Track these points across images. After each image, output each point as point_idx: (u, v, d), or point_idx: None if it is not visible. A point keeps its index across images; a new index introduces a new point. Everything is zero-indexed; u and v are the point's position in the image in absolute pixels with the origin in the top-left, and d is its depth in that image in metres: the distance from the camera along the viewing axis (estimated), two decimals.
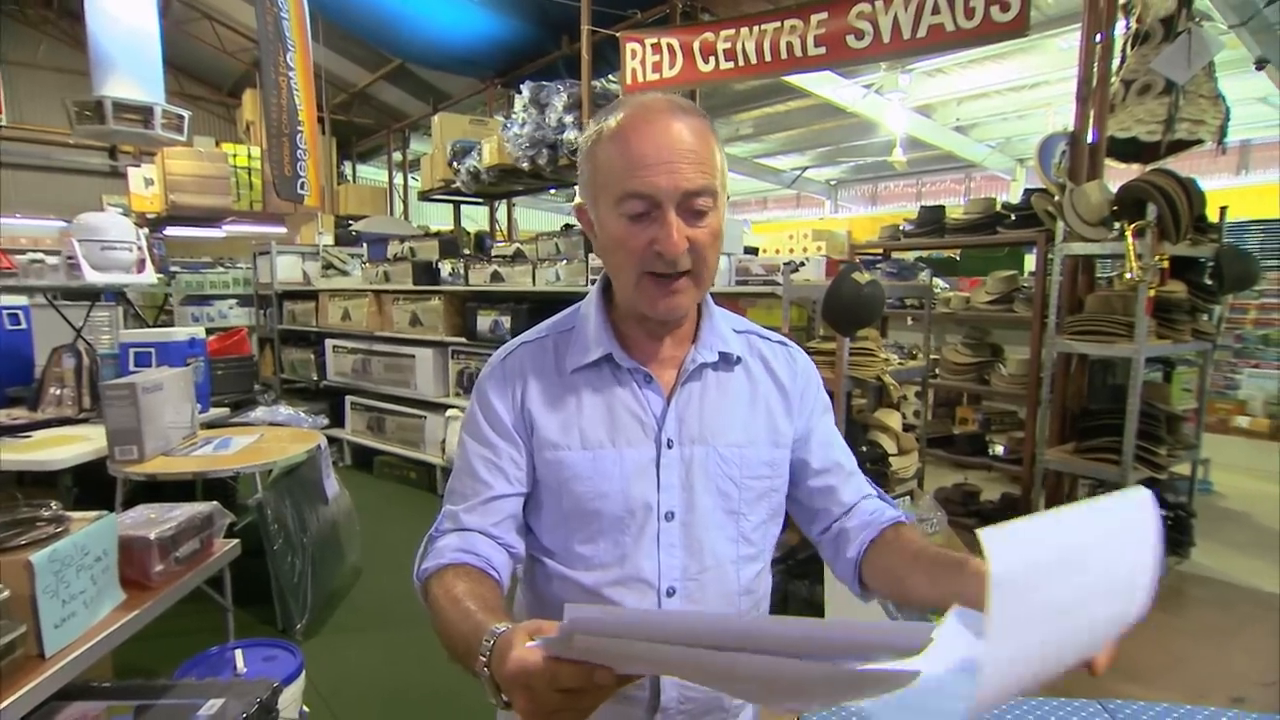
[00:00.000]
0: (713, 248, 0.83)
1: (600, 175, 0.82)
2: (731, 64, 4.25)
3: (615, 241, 0.82)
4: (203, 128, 9.07)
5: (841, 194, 12.59)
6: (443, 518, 0.89)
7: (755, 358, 0.96)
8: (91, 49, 5.08)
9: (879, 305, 2.48)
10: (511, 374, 0.92)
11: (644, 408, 0.89)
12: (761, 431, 0.92)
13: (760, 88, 7.77)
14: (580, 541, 0.88)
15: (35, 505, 1.47)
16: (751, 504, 0.90)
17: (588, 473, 0.86)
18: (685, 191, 0.79)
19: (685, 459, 0.88)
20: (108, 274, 3.51)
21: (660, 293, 0.83)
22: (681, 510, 0.87)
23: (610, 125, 0.81)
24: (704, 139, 0.81)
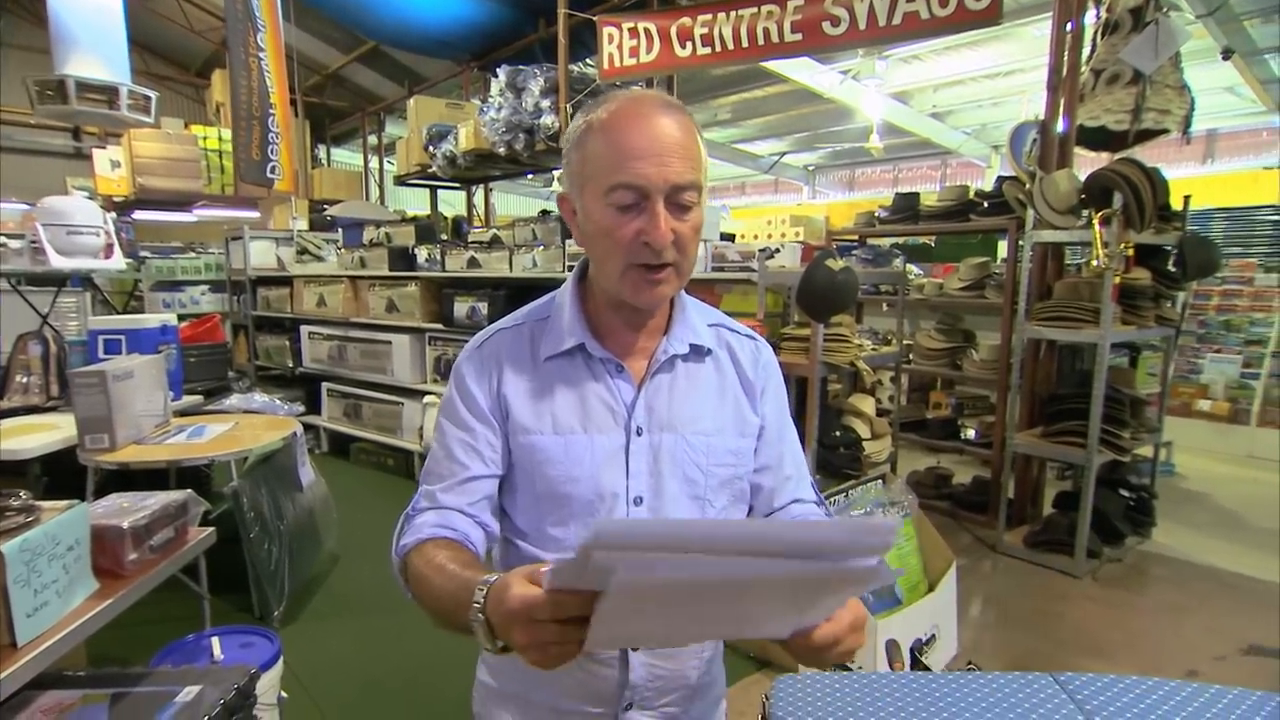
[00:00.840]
0: (694, 242, 0.86)
1: (589, 165, 0.84)
2: (709, 49, 4.24)
3: (602, 231, 0.84)
4: (171, 109, 8.88)
5: (820, 179, 12.64)
6: (419, 497, 0.92)
7: (724, 350, 0.99)
8: (52, 25, 4.92)
9: (852, 292, 2.52)
10: (488, 360, 0.94)
11: (615, 396, 0.91)
12: (729, 421, 0.95)
13: (738, 73, 7.77)
14: (553, 524, 0.90)
15: (5, 495, 1.46)
16: (716, 491, 0.93)
17: (559, 457, 0.89)
18: (674, 185, 0.81)
19: (654, 446, 0.90)
20: (74, 259, 3.44)
21: (645, 283, 0.85)
22: (649, 495, 0.90)
23: (600, 117, 0.83)
24: (691, 135, 0.84)
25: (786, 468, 1.00)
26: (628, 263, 0.84)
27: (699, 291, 3.28)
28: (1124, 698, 0.97)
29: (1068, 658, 2.48)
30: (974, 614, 2.84)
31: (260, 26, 5.13)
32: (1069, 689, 0.99)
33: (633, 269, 0.84)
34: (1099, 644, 2.59)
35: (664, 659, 0.91)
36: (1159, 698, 0.98)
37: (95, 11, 4.89)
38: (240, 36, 4.94)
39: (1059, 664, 2.43)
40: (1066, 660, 2.46)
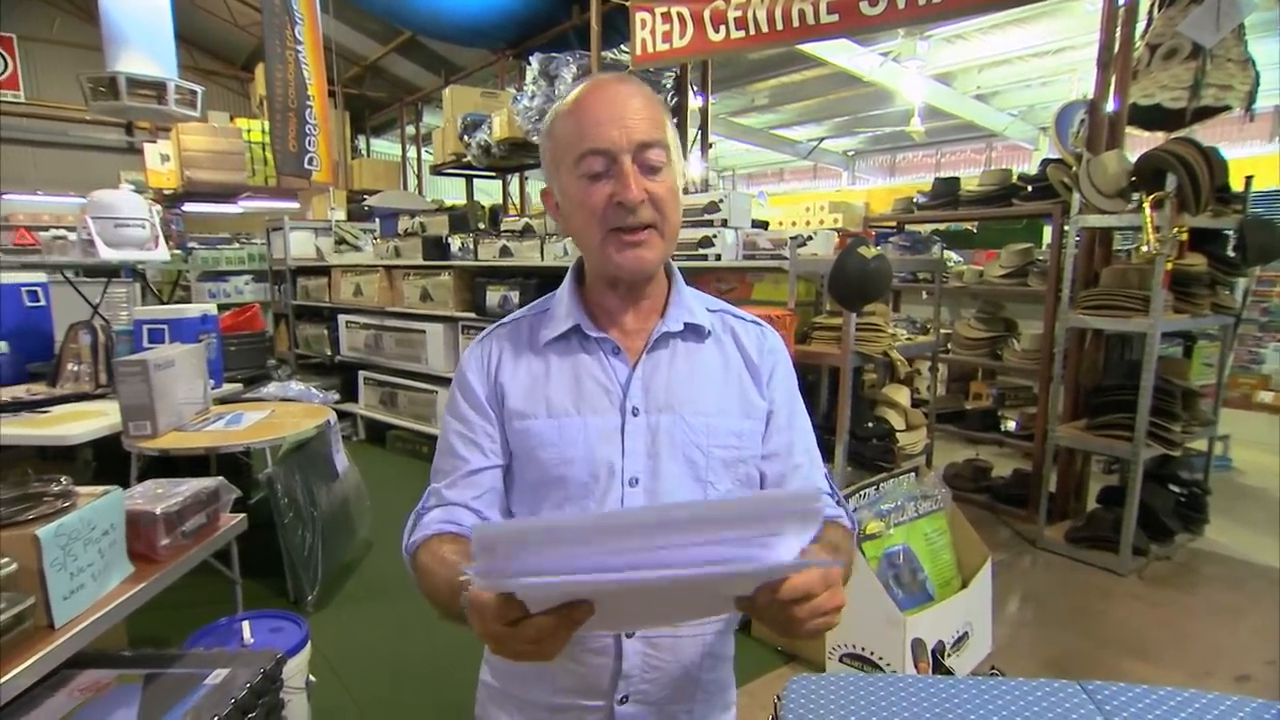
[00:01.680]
0: (672, 203, 0.86)
1: (559, 147, 0.86)
2: (742, 33, 4.17)
3: (576, 204, 0.85)
4: (217, 103, 9.08)
5: (859, 165, 12.40)
6: (428, 495, 0.94)
7: (727, 334, 0.98)
8: (104, 24, 5.08)
9: (886, 280, 2.45)
10: (488, 353, 0.96)
11: (609, 376, 0.91)
12: (733, 402, 0.93)
13: (775, 57, 7.63)
14: (549, 508, 0.90)
15: (45, 480, 1.51)
16: (719, 472, 0.91)
17: (553, 440, 0.89)
18: (638, 143, 0.82)
19: (651, 426, 0.89)
20: (121, 251, 3.55)
21: (625, 246, 0.85)
22: (646, 477, 0.88)
23: (565, 103, 0.86)
24: (653, 105, 0.86)
25: (796, 455, 0.97)
26: (605, 229, 0.85)
27: (730, 279, 3.23)
28: (1157, 710, 0.92)
29: (1110, 659, 2.40)
30: (1010, 611, 2.77)
31: (298, 19, 5.20)
32: (1097, 699, 0.94)
33: (612, 235, 0.85)
34: (1144, 645, 2.50)
35: (660, 648, 0.90)
36: (1197, 710, 0.92)
37: (145, 9, 5.02)
38: (277, 30, 5.02)
39: (1100, 665, 2.35)
40: (1108, 661, 2.38)
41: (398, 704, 2.21)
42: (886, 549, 2.17)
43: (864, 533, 2.13)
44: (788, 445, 0.96)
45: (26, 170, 9.09)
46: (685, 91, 5.56)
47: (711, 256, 3.11)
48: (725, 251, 3.09)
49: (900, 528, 2.22)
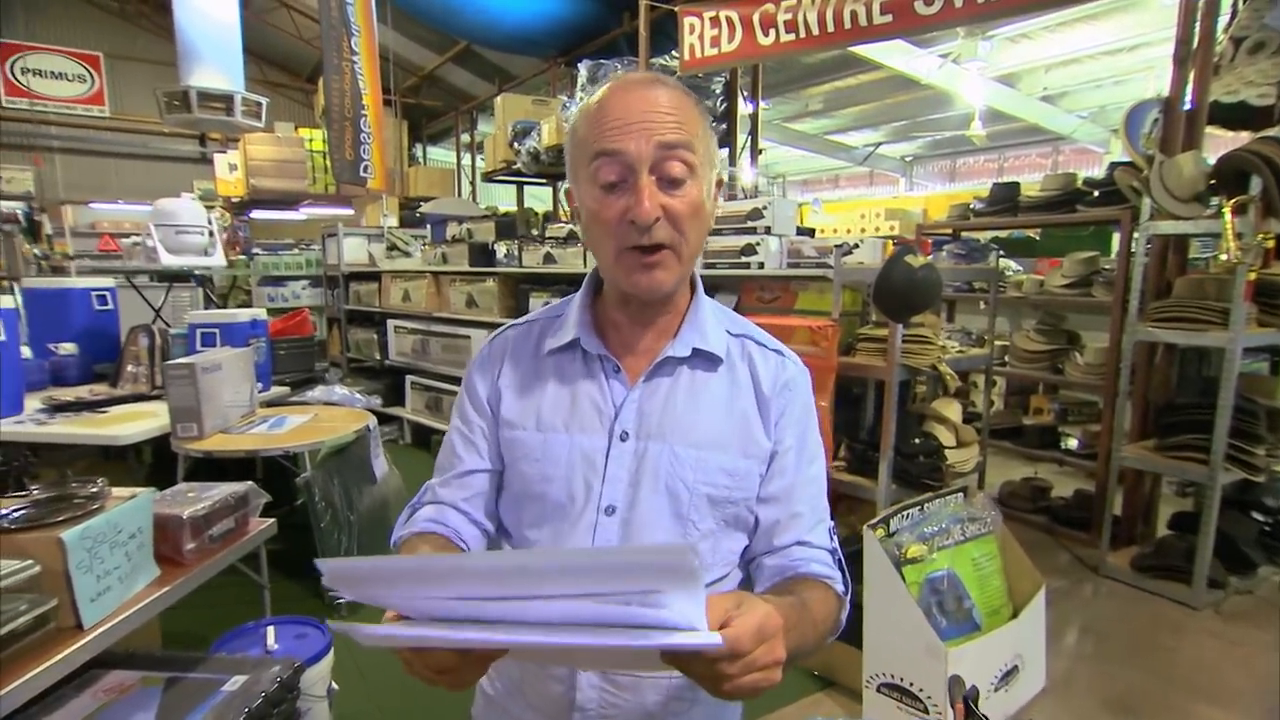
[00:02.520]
0: (693, 220, 0.79)
1: (577, 149, 0.80)
2: (793, 35, 4.08)
3: (591, 214, 0.80)
4: (283, 114, 9.42)
5: (917, 171, 12.07)
6: (424, 490, 0.92)
7: (744, 362, 0.91)
8: (179, 41, 5.33)
9: (934, 290, 2.34)
10: (495, 355, 0.93)
11: (605, 397, 0.86)
12: (732, 438, 0.86)
13: (829, 61, 7.49)
14: (529, 525, 0.87)
15: (82, 482, 1.55)
16: (702, 511, 0.84)
17: (537, 455, 0.85)
18: (658, 145, 0.75)
19: (638, 454, 0.84)
20: (181, 256, 3.69)
21: (639, 268, 0.79)
22: (624, 506, 0.83)
23: (590, 102, 0.80)
24: (683, 106, 0.78)
25: (798, 504, 0.88)
26: (619, 246, 0.79)
27: (774, 288, 3.15)
28: None
29: (1179, 700, 2.22)
30: (1068, 643, 2.60)
31: (354, 31, 5.33)
32: None
33: (625, 253, 0.79)
34: (1219, 688, 2.31)
35: (619, 687, 0.84)
36: None
37: (215, 26, 5.25)
38: (334, 41, 5.16)
39: (1168, 707, 2.17)
40: (1177, 703, 2.20)
41: (422, 712, 2.19)
42: (929, 574, 2.05)
43: (905, 556, 2.02)
44: (787, 490, 0.88)
45: (110, 180, 9.60)
46: (735, 97, 5.49)
47: (754, 265, 3.04)
48: (768, 259, 3.00)
49: (945, 551, 2.10)
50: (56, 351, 3.26)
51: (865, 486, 2.63)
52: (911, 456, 2.63)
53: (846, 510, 2.78)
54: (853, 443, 2.74)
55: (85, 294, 3.44)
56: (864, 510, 2.70)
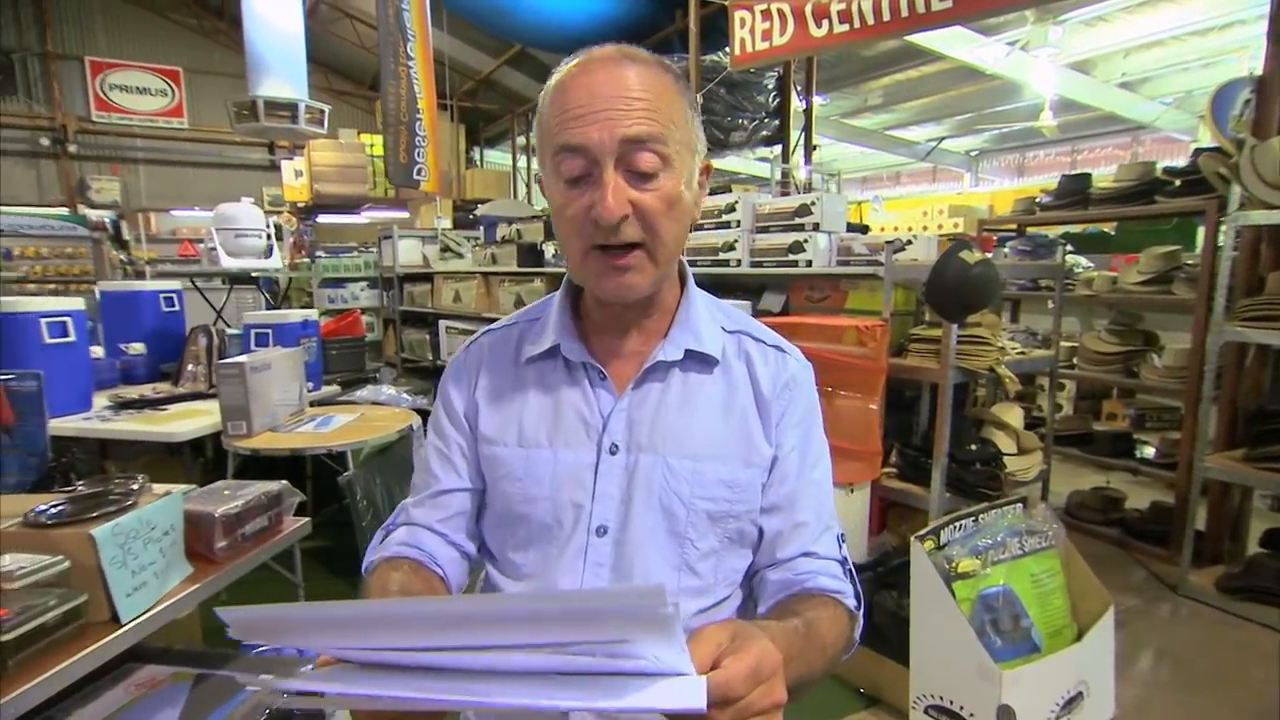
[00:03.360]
0: (667, 215, 0.72)
1: (541, 137, 0.74)
2: (847, 26, 3.96)
3: (556, 210, 0.74)
4: (347, 120, 9.72)
5: (983, 165, 11.60)
6: (399, 510, 0.87)
7: (740, 360, 0.84)
8: (248, 53, 5.55)
9: (991, 288, 2.20)
10: (471, 363, 0.87)
11: (591, 407, 0.80)
12: (731, 446, 0.79)
13: (888, 52, 7.26)
14: (513, 547, 0.81)
15: (124, 479, 1.58)
16: (701, 528, 0.78)
17: (520, 473, 0.79)
18: (623, 139, 0.68)
19: (629, 468, 0.77)
20: (240, 259, 3.81)
21: (606, 269, 0.72)
22: (616, 526, 0.77)
23: (551, 83, 0.73)
24: (655, 88, 0.70)
25: (802, 512, 0.81)
26: (585, 246, 0.72)
27: (824, 286, 3.04)
28: None
29: None
30: (1141, 669, 2.41)
31: (410, 37, 5.43)
32: None
33: (592, 253, 0.72)
34: None
35: None
36: None
37: (281, 38, 5.45)
38: (391, 47, 5.26)
39: None
40: None
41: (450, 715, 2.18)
42: (983, 590, 1.93)
43: (955, 571, 1.90)
44: (790, 498, 0.81)
45: (188, 188, 10.08)
46: (788, 92, 5.37)
47: (802, 263, 2.94)
48: (817, 257, 2.90)
49: (1000, 566, 1.96)
50: (126, 351, 3.41)
51: (917, 495, 2.50)
52: (967, 464, 2.49)
53: (897, 520, 2.66)
54: (904, 448, 2.61)
55: (154, 296, 3.58)
56: (916, 520, 2.57)
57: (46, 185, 9.39)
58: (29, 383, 1.67)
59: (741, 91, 5.07)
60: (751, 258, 3.13)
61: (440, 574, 0.80)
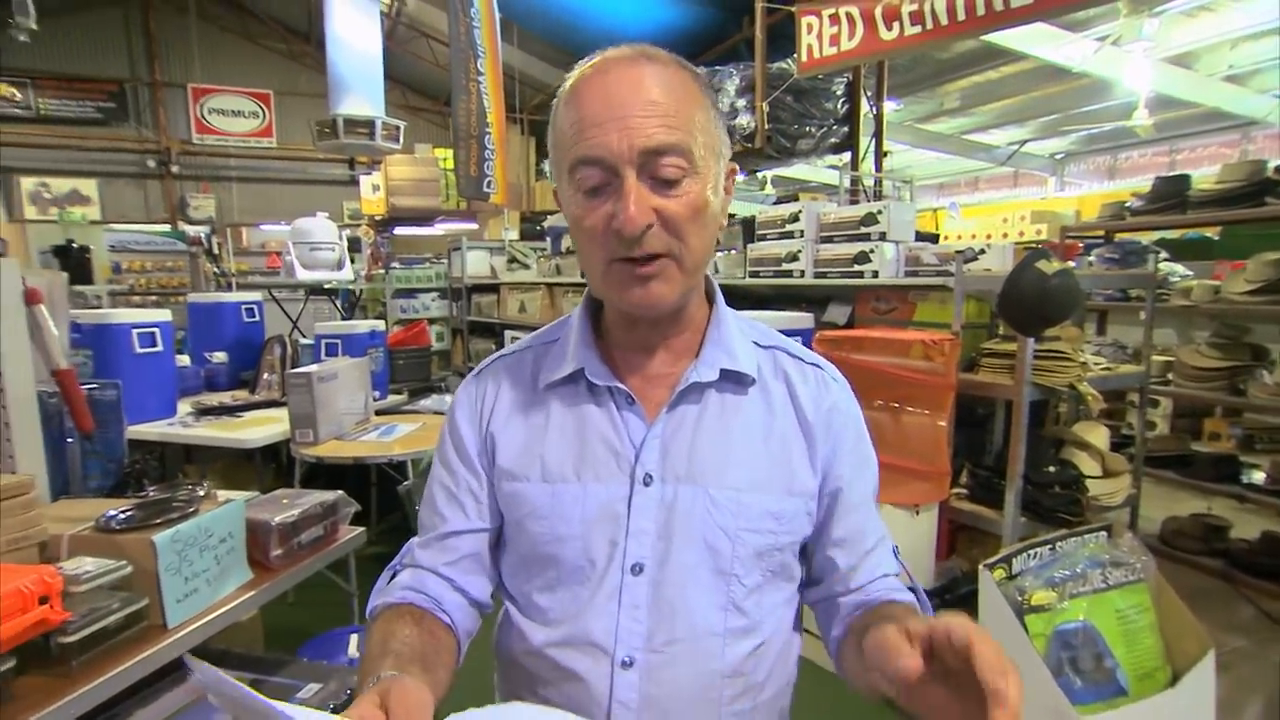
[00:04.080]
0: (694, 222, 0.68)
1: (557, 146, 0.71)
2: (919, 28, 3.82)
3: (574, 221, 0.70)
4: (422, 135, 10.04)
5: (1069, 169, 11.02)
6: (404, 551, 0.82)
7: (778, 379, 0.79)
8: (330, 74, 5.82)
9: (1071, 300, 2.06)
10: (482, 392, 0.82)
11: (620, 435, 0.74)
12: (774, 474, 0.74)
13: (965, 53, 6.99)
14: (539, 590, 0.76)
15: (190, 485, 1.65)
16: (747, 564, 0.73)
17: (545, 510, 0.74)
18: (644, 150, 0.64)
19: (666, 501, 0.72)
20: (314, 271, 3.97)
21: (631, 279, 0.68)
22: (653, 564, 0.72)
23: (565, 87, 0.69)
24: (676, 91, 0.66)
25: (868, 538, 0.78)
26: (607, 258, 0.68)
27: (891, 298, 2.93)
28: None
29: None
30: (1248, 718, 2.19)
31: (480, 53, 5.56)
32: None
33: (615, 265, 0.68)
34: None
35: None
36: None
37: (361, 58, 5.69)
38: (462, 64, 5.40)
39: None
40: None
41: None
42: (1059, 625, 1.79)
43: (1029, 603, 1.77)
44: (857, 530, 0.77)
45: (275, 204, 10.61)
46: (858, 98, 5.23)
47: (868, 274, 2.83)
48: (884, 268, 2.79)
49: (1080, 600, 1.82)
50: (210, 359, 3.59)
51: (989, 518, 2.36)
52: (1045, 486, 2.33)
53: (967, 543, 2.52)
54: (976, 468, 2.47)
55: (236, 307, 3.77)
56: (988, 544, 2.43)
57: (152, 204, 10.07)
58: (109, 392, 1.76)
59: (809, 98, 4.97)
60: (815, 268, 3.04)
61: (446, 621, 0.76)
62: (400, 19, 9.17)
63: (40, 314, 1.57)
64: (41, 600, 1.13)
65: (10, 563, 1.27)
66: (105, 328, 2.68)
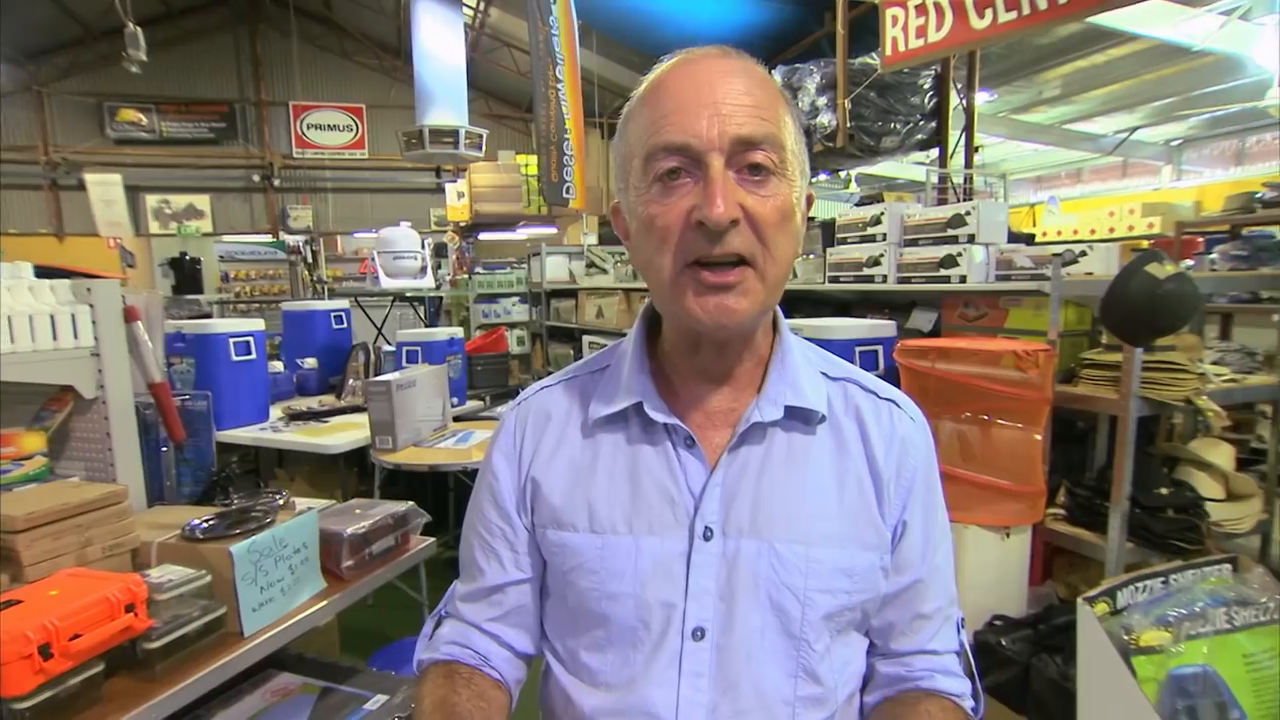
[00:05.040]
0: (781, 230, 0.61)
1: (629, 146, 0.65)
2: (1014, 14, 3.59)
3: (643, 224, 0.63)
4: (505, 142, 10.28)
5: (1187, 155, 10.16)
6: (449, 595, 0.79)
7: (850, 416, 0.71)
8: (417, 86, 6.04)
9: (1186, 308, 1.86)
10: (523, 428, 0.76)
11: (678, 481, 0.68)
12: (846, 526, 0.67)
13: (1068, 37, 6.55)
14: (586, 648, 0.70)
15: (271, 494, 1.71)
16: (818, 627, 0.66)
17: (594, 564, 0.68)
18: (736, 138, 0.58)
19: (729, 557, 0.65)
20: (397, 279, 4.10)
21: (704, 288, 0.61)
22: (717, 628, 0.65)
23: (641, 89, 0.65)
24: (768, 87, 0.62)
25: (925, 603, 0.69)
26: (680, 260, 0.61)
27: (980, 304, 2.77)
28: None
29: None
30: None
31: (559, 60, 5.63)
32: None
33: (688, 271, 0.61)
34: None
35: None
36: None
37: (445, 70, 5.89)
38: (541, 71, 5.48)
39: None
40: None
41: None
42: (1174, 669, 1.62)
43: (1137, 643, 1.61)
44: (912, 588, 0.69)
45: (367, 213, 11.11)
46: (947, 91, 4.98)
47: (955, 278, 2.67)
48: (972, 272, 2.63)
49: (1199, 641, 1.64)
50: (302, 365, 3.76)
51: (1090, 542, 2.18)
52: (1156, 510, 2.13)
53: (1065, 568, 2.34)
54: (1074, 488, 2.29)
55: (325, 315, 3.93)
56: (1089, 570, 2.24)
57: (256, 216, 10.74)
58: (200, 402, 1.85)
59: (893, 94, 4.77)
60: (899, 273, 2.90)
61: (496, 677, 0.73)
62: (484, 30, 9.41)
63: (138, 330, 1.66)
64: (128, 608, 1.18)
65: (105, 569, 1.34)
66: (205, 337, 2.84)
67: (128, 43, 4.75)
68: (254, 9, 10.34)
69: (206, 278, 6.97)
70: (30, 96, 9.48)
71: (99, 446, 1.62)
